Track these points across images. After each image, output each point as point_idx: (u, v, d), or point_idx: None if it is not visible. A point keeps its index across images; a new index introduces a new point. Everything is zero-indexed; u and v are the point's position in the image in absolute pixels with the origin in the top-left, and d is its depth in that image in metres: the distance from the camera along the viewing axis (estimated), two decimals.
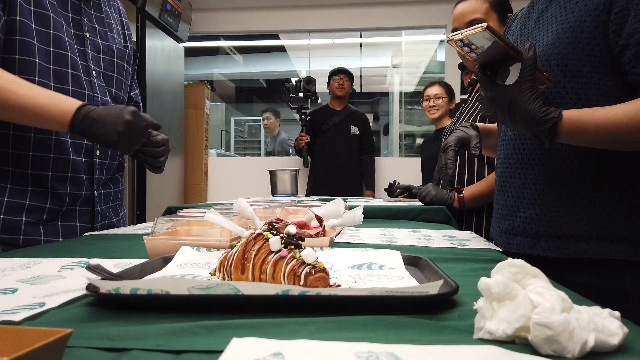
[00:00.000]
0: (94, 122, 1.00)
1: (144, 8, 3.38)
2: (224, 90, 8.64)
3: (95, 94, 1.19)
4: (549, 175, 1.00)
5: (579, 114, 0.88)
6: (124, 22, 1.39)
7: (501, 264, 0.43)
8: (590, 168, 0.95)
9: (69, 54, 1.13)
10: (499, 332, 0.40)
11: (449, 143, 1.10)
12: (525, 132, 0.92)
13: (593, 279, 0.95)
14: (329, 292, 0.49)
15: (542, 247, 1.01)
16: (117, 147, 1.04)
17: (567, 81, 0.95)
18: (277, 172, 2.35)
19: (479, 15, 1.63)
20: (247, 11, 4.52)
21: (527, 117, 0.88)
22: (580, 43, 0.93)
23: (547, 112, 0.87)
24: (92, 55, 1.20)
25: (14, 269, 0.70)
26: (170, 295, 0.48)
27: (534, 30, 1.07)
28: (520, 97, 0.87)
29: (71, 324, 0.45)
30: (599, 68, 0.92)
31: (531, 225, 1.02)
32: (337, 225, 1.02)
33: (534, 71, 0.87)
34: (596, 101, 0.93)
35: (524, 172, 1.05)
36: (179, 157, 4.18)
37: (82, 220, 1.20)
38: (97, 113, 1.00)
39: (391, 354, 0.36)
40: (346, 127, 3.84)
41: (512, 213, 1.07)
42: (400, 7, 4.41)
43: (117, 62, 1.29)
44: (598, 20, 0.91)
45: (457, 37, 0.88)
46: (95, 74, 1.20)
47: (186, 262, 0.73)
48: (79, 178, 1.17)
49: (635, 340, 0.40)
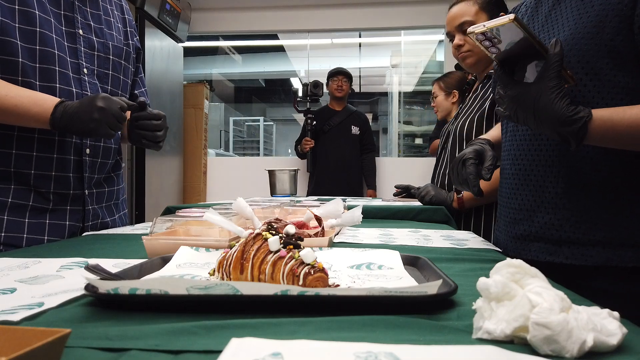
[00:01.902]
0: (71, 117, 1.03)
1: (143, 8, 3.38)
2: (223, 90, 8.65)
3: (84, 91, 1.18)
4: (571, 177, 0.94)
5: (609, 113, 0.83)
6: (126, 19, 1.37)
7: (500, 264, 0.43)
8: (616, 170, 0.90)
9: (56, 52, 1.12)
10: (498, 332, 0.40)
11: (467, 156, 1.06)
12: (550, 133, 0.86)
13: (616, 286, 0.91)
14: (328, 292, 0.49)
15: (565, 254, 0.95)
16: (98, 134, 1.06)
17: (589, 79, 0.90)
18: (276, 172, 2.35)
19: (468, 17, 1.65)
20: (246, 11, 4.52)
21: (553, 117, 0.82)
22: (602, 39, 0.88)
23: (576, 111, 0.81)
24: (85, 53, 1.19)
25: (12, 269, 0.70)
26: (169, 295, 0.48)
27: (545, 25, 1.02)
28: (547, 95, 0.81)
29: (70, 324, 0.45)
30: (623, 65, 0.88)
31: (552, 231, 0.97)
32: (336, 225, 1.02)
33: (560, 68, 0.82)
34: (620, 100, 0.88)
35: (541, 174, 0.98)
36: (178, 157, 4.17)
37: (73, 219, 1.19)
38: (72, 107, 1.03)
39: (390, 354, 0.36)
40: (347, 127, 3.85)
41: (528, 218, 1.01)
42: (399, 7, 4.41)
43: (113, 60, 1.27)
44: (622, 15, 0.86)
45: (479, 30, 0.81)
46: (87, 72, 1.19)
47: (185, 262, 0.73)
48: (65, 177, 1.16)
49: (634, 340, 0.40)
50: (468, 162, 1.05)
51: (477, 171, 1.04)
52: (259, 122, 9.09)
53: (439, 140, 2.09)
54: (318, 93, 3.87)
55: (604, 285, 0.91)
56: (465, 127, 1.73)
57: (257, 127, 9.15)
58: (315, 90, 3.86)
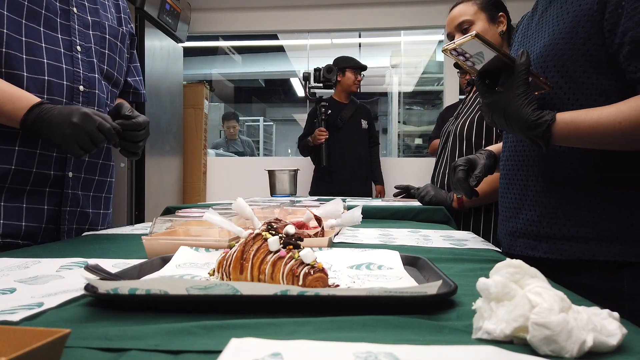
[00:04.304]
0: (43, 123, 0.96)
1: (143, 8, 3.38)
2: (222, 90, 8.64)
3: (76, 69, 1.14)
4: (549, 177, 1.00)
5: (572, 116, 0.89)
6: (120, 5, 1.35)
7: (500, 265, 0.43)
8: (586, 169, 0.95)
9: (41, 28, 1.07)
10: (497, 332, 0.40)
11: (458, 163, 1.16)
12: (521, 137, 0.93)
13: (592, 279, 0.96)
14: (327, 292, 0.49)
15: (543, 249, 1.01)
16: (66, 151, 0.99)
17: (565, 82, 0.96)
18: (276, 172, 2.35)
19: (467, 17, 1.66)
20: (246, 11, 4.52)
21: (520, 122, 0.89)
22: (576, 43, 0.94)
23: (540, 115, 0.88)
24: (79, 31, 1.16)
25: (12, 269, 0.70)
26: (168, 295, 0.48)
27: (535, 32, 1.07)
28: (513, 103, 0.88)
29: (69, 324, 0.45)
30: (596, 68, 0.92)
31: (532, 227, 1.03)
32: (336, 225, 1.02)
33: (526, 76, 0.88)
34: (594, 101, 0.93)
35: (525, 175, 1.05)
36: (178, 157, 4.17)
37: (51, 203, 1.12)
38: (49, 113, 0.97)
39: (390, 354, 0.36)
40: (357, 121, 3.60)
41: (515, 215, 1.08)
42: (399, 7, 4.41)
43: (109, 39, 1.24)
44: (593, 20, 0.91)
45: (450, 47, 0.90)
46: (80, 49, 1.15)
47: (185, 262, 0.73)
48: (48, 156, 1.10)
49: (634, 341, 0.40)
50: (458, 168, 1.16)
51: (465, 177, 1.14)
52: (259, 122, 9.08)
53: (438, 140, 2.09)
54: (331, 79, 3.48)
55: (585, 280, 0.96)
56: (466, 127, 1.73)
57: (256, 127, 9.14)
58: (329, 76, 3.47)
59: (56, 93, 1.09)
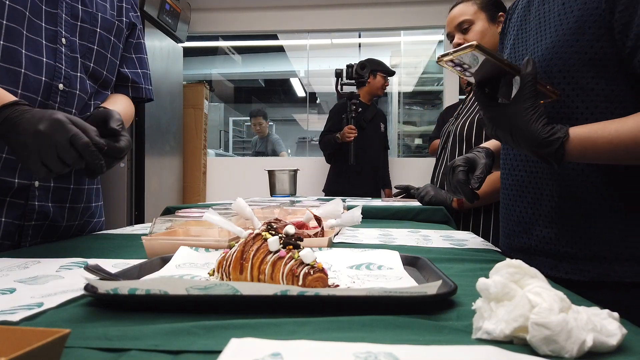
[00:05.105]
0: (10, 128, 0.78)
1: (143, 8, 3.38)
2: (222, 90, 8.64)
3: (58, 64, 0.98)
4: (565, 191, 0.91)
5: (588, 131, 0.80)
6: None
7: (499, 265, 0.43)
8: (607, 183, 0.87)
9: (27, 13, 0.93)
10: (497, 332, 0.40)
11: (457, 163, 1.04)
12: (529, 154, 0.84)
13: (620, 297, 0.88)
14: (327, 292, 0.49)
15: (565, 269, 0.93)
16: (24, 166, 0.79)
17: (572, 89, 0.88)
18: (276, 172, 2.35)
19: (467, 17, 1.66)
20: (246, 11, 4.53)
21: (530, 140, 0.80)
22: (582, 47, 0.86)
23: (552, 132, 0.79)
24: (66, 21, 1.01)
25: (11, 269, 0.70)
26: (168, 295, 0.48)
27: (534, 30, 0.99)
28: (521, 118, 0.79)
29: (69, 324, 0.45)
30: (604, 73, 0.85)
31: (550, 246, 0.95)
32: (336, 225, 1.02)
33: (534, 88, 0.80)
34: (605, 108, 0.86)
35: (538, 187, 0.96)
36: (178, 157, 4.17)
37: (10, 216, 0.95)
38: (21, 117, 0.78)
39: (389, 354, 0.36)
40: (377, 124, 3.58)
41: (526, 231, 1.00)
42: (399, 7, 4.42)
43: (100, 33, 1.08)
44: (600, 19, 0.83)
45: (446, 58, 0.81)
46: (65, 42, 1.00)
47: (185, 262, 0.73)
48: (14, 161, 0.94)
49: (634, 341, 0.40)
50: (457, 169, 1.03)
51: (466, 178, 1.01)
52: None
53: (438, 141, 2.10)
54: (364, 76, 3.35)
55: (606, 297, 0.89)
56: (466, 127, 1.73)
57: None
58: (362, 72, 3.34)
59: (31, 89, 0.94)
